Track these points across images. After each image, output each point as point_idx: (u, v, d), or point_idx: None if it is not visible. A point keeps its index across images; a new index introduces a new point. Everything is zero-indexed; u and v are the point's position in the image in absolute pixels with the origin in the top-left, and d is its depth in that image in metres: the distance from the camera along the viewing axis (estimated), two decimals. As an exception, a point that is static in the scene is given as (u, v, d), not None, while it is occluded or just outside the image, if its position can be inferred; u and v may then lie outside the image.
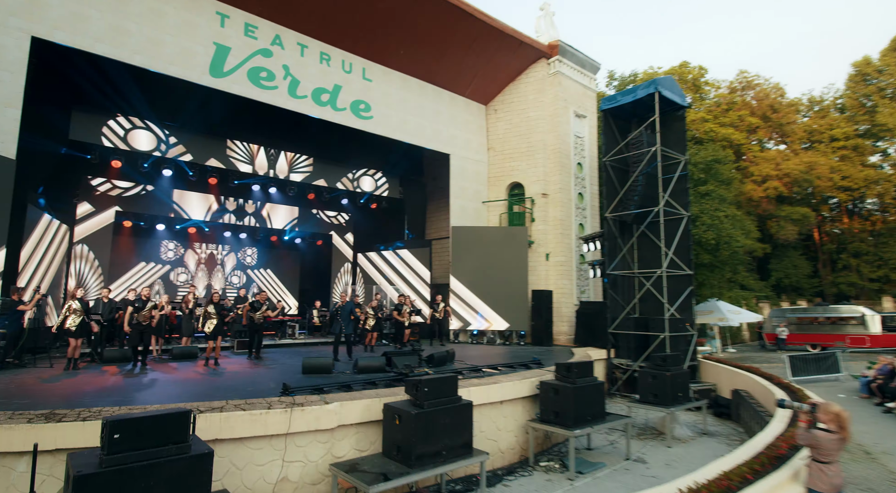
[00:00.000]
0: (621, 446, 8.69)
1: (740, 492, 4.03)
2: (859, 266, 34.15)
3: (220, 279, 18.59)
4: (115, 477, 3.79)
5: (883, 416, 10.38)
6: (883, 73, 36.20)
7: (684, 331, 12.84)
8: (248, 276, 19.39)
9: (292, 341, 14.65)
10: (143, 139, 13.69)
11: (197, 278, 18.33)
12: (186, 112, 13.23)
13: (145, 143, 13.71)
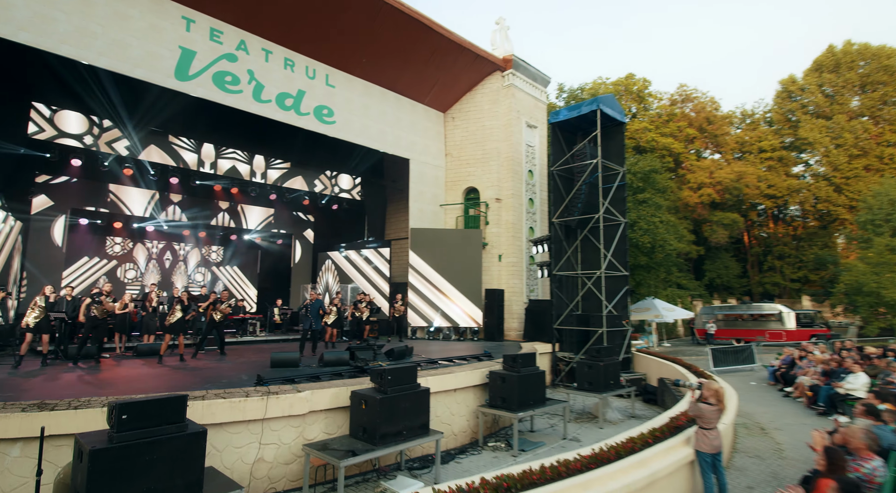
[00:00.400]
0: (559, 428, 9.82)
1: (640, 452, 5.11)
2: (782, 268, 37.52)
3: (183, 276, 18.58)
4: (123, 452, 4.40)
5: (782, 399, 12.05)
6: (805, 92, 39.82)
7: (620, 326, 14.24)
8: (213, 273, 19.43)
9: (254, 339, 15.03)
10: (73, 122, 13.77)
11: (148, 273, 18.22)
12: (144, 110, 13.35)
13: (75, 126, 13.77)
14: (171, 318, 10.20)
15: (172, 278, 17.98)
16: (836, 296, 24.89)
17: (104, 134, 14.36)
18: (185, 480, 4.75)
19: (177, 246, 18.52)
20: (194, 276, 18.76)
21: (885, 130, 36.84)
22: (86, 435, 4.75)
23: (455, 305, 16.55)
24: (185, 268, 18.57)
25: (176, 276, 18.32)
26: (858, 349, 12.86)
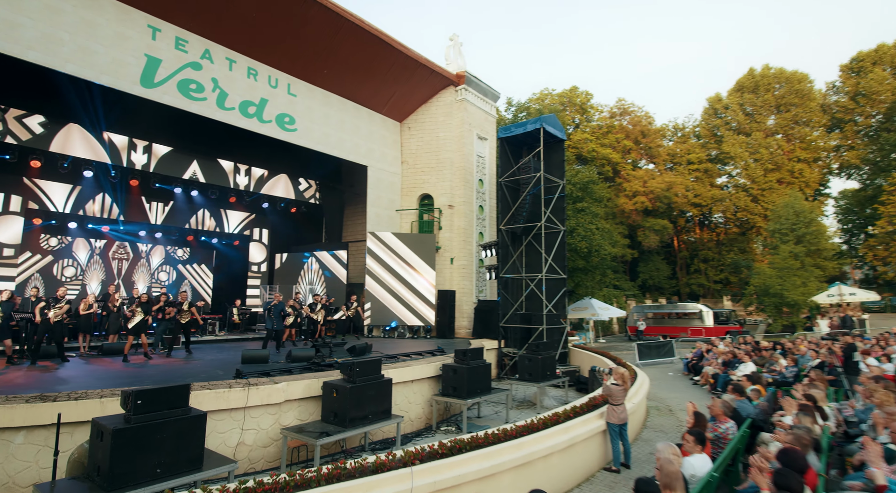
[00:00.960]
0: (503, 414, 11.16)
1: (564, 423, 6.45)
2: (706, 270, 41.11)
3: (146, 275, 18.50)
4: (139, 431, 5.23)
5: (691, 386, 14.00)
6: (728, 110, 43.70)
7: (559, 324, 15.85)
8: (178, 272, 19.41)
9: (214, 338, 15.48)
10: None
11: (91, 271, 17.96)
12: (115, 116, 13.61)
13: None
14: (133, 320, 10.68)
15: (134, 278, 17.93)
16: (748, 297, 27.95)
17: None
18: (189, 455, 5.64)
19: (140, 245, 18.41)
20: (158, 275, 18.77)
21: (796, 147, 41.14)
22: (102, 419, 5.52)
23: (409, 304, 17.64)
24: (149, 266, 18.54)
25: (138, 275, 18.26)
26: (755, 343, 15.08)
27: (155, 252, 19.01)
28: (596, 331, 27.39)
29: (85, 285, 17.37)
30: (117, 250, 18.21)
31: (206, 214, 18.95)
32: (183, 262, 19.60)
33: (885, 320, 29.77)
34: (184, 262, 19.62)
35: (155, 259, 19.03)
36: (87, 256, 17.83)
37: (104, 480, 5.02)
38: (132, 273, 18.30)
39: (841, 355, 10.30)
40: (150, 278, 18.53)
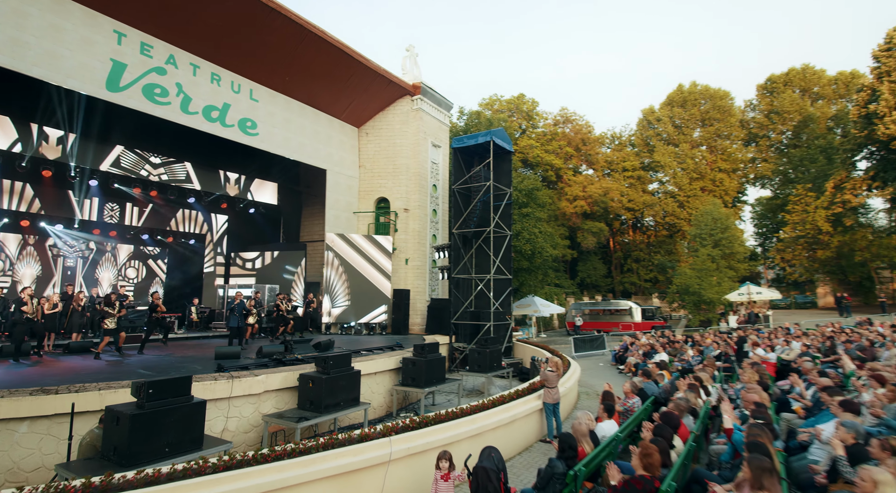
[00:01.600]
0: (455, 401, 12.50)
1: (507, 403, 7.85)
2: (638, 269, 44.47)
3: (111, 272, 18.25)
4: (151, 416, 6.09)
5: (617, 375, 15.92)
6: (660, 122, 47.33)
7: (504, 321, 17.41)
8: (148, 268, 19.20)
9: (175, 336, 15.80)
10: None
11: (23, 263, 17.46)
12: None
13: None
14: (109, 320, 11.13)
15: (97, 275, 17.72)
16: (671, 294, 30.92)
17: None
18: (191, 436, 6.56)
19: (102, 243, 18.10)
20: (126, 272, 18.63)
21: (718, 159, 45.25)
22: (116, 406, 6.32)
23: (366, 303, 18.64)
24: (116, 262, 18.35)
25: (102, 272, 18.02)
26: (671, 336, 17.29)
27: (114, 250, 18.79)
28: (538, 326, 29.41)
29: (14, 281, 16.96)
30: (41, 242, 17.69)
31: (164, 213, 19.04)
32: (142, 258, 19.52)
33: (789, 315, 33.66)
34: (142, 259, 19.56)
35: (113, 258, 18.86)
36: (16, 246, 17.23)
37: (121, 458, 5.87)
38: (97, 268, 18.08)
39: (735, 346, 12.41)
40: (114, 276, 18.40)
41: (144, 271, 19.12)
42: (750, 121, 47.28)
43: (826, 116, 43.21)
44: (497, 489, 4.84)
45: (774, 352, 12.41)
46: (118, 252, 18.69)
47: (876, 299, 33.85)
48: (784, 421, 6.96)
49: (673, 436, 5.09)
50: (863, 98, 31.36)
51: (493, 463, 4.95)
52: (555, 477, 4.69)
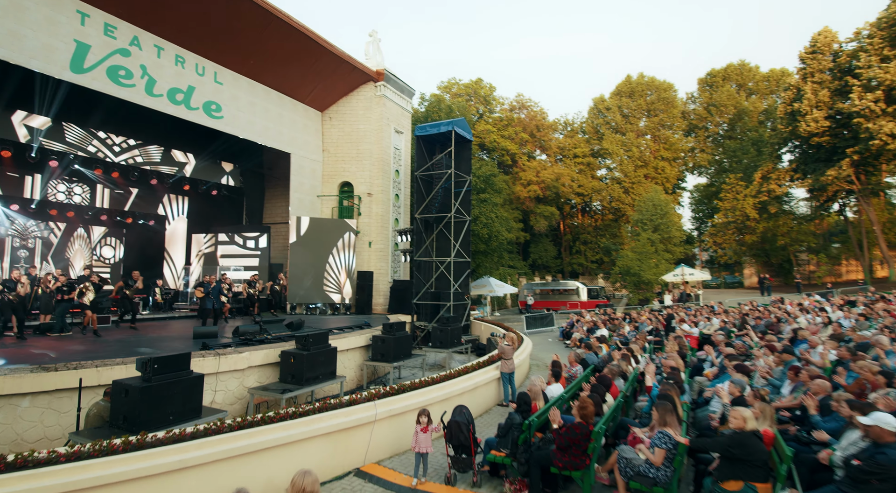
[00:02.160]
0: (419, 375, 13.61)
1: (470, 373, 9.02)
2: (586, 251, 47.02)
3: (85, 252, 17.85)
4: (157, 389, 6.79)
5: (564, 349, 17.54)
6: (609, 111, 49.52)
7: (463, 301, 18.62)
8: (114, 249, 18.84)
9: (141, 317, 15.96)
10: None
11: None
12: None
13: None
14: (87, 297, 11.43)
15: (67, 254, 17.34)
16: (614, 275, 33.28)
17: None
18: (191, 406, 7.31)
19: (62, 225, 17.64)
20: (101, 251, 18.30)
21: (661, 148, 48.03)
22: (122, 380, 6.96)
23: (330, 283, 19.35)
24: (90, 242, 17.98)
25: (74, 251, 17.62)
26: (611, 314, 19.11)
27: (76, 231, 18.38)
28: (492, 305, 31.01)
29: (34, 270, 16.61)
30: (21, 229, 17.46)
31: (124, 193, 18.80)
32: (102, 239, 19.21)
33: (718, 294, 36.90)
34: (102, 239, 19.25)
35: (97, 233, 18.50)
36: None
37: (131, 425, 6.57)
38: (66, 249, 17.68)
39: (664, 322, 14.15)
40: (90, 253, 18.06)
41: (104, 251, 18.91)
42: (691, 113, 50.33)
43: (758, 111, 46.69)
44: (467, 438, 6.00)
45: (697, 327, 14.26)
46: (87, 233, 18.37)
47: (793, 280, 37.70)
48: (696, 383, 8.51)
49: (605, 394, 6.39)
50: (789, 96, 34.34)
51: (465, 418, 6.09)
52: (513, 427, 5.87)
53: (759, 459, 4.45)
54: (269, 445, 5.71)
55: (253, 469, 5.58)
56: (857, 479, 4.04)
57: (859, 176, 31.21)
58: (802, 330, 10.41)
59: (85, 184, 17.55)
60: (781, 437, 4.91)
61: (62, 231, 17.42)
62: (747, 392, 5.67)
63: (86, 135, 15.44)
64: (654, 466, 4.82)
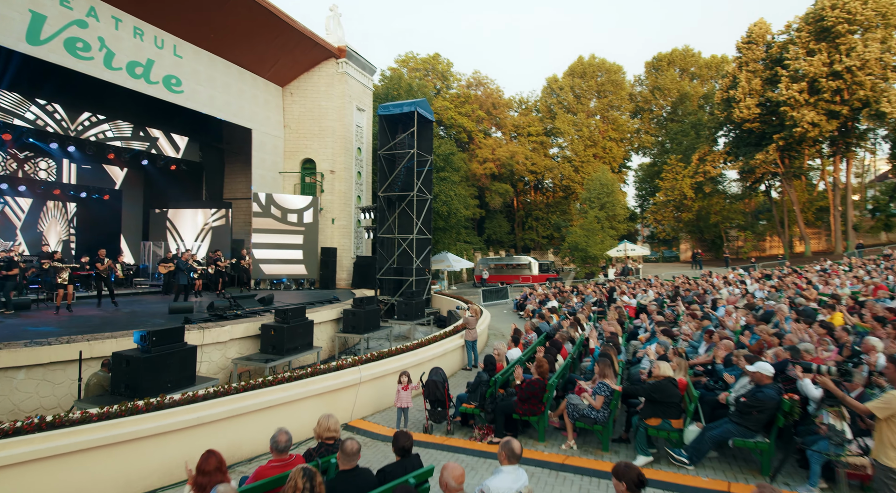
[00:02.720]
0: (386, 345, 14.59)
1: (440, 341, 10.08)
2: (537, 227, 48.93)
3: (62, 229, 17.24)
4: (155, 359, 7.40)
5: (518, 319, 19.01)
6: (562, 91, 50.96)
7: (424, 276, 19.61)
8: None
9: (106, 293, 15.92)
10: None
11: None
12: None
13: None
14: (63, 274, 11.56)
15: (41, 228, 16.74)
16: (564, 250, 35.22)
17: None
18: (186, 375, 7.99)
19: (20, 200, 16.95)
20: (57, 226, 17.70)
21: (609, 129, 50.07)
22: (122, 352, 7.50)
23: (295, 259, 19.79)
24: (66, 218, 17.36)
25: (49, 226, 17.01)
26: (561, 287, 20.70)
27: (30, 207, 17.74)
28: (449, 280, 32.23)
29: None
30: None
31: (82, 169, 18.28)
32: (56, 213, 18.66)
33: (656, 268, 39.76)
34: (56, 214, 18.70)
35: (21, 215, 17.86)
36: None
37: (133, 392, 7.19)
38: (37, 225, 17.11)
39: (606, 294, 15.73)
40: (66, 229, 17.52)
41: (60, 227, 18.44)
42: (637, 95, 52.58)
43: (698, 95, 49.45)
44: (442, 394, 7.06)
45: (635, 298, 15.96)
46: (44, 207, 17.81)
47: (723, 255, 41.13)
48: (632, 346, 9.95)
49: (557, 355, 7.60)
50: (725, 83, 36.80)
51: (440, 377, 7.14)
52: (481, 384, 6.98)
53: (673, 401, 5.75)
54: (270, 404, 6.55)
55: (256, 425, 6.41)
56: (743, 411, 5.39)
57: (784, 160, 34.23)
58: (721, 300, 12.13)
59: (43, 158, 16.99)
60: (693, 385, 6.26)
61: (18, 206, 16.91)
62: (669, 351, 7.00)
63: (35, 105, 14.94)
64: (595, 409, 6.05)
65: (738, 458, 5.68)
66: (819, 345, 7.23)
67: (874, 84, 28.27)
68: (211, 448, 3.67)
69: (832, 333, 7.68)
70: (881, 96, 28.24)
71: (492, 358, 7.26)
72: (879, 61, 28.26)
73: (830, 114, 29.68)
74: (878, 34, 28.67)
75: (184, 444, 5.82)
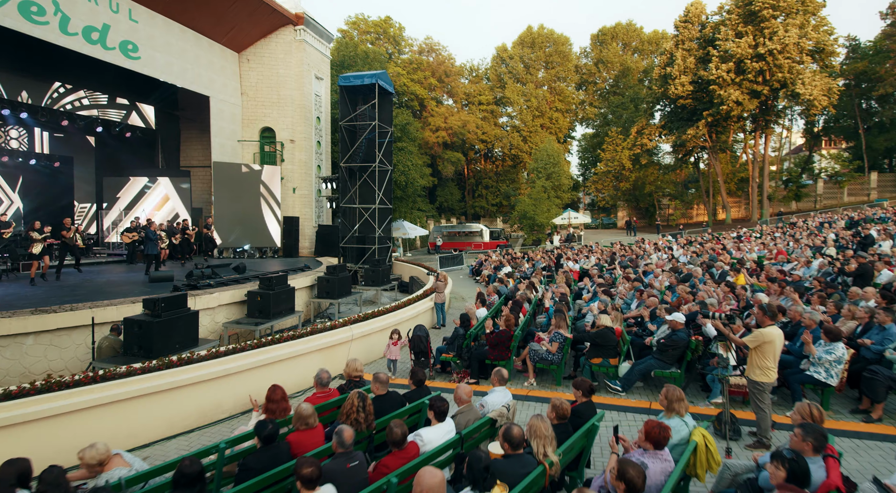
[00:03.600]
0: (356, 309, 15.73)
1: (413, 304, 11.35)
2: (487, 195, 50.60)
3: None
4: (164, 323, 8.20)
5: (475, 284, 20.60)
6: (512, 60, 51.86)
7: (386, 244, 20.66)
8: None
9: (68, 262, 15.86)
10: None
11: None
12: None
13: None
14: (37, 246, 11.73)
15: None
16: (513, 218, 37.12)
17: None
18: (190, 337, 8.85)
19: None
20: (8, 193, 16.94)
21: (556, 100, 51.79)
22: (133, 317, 8.23)
23: (257, 228, 20.20)
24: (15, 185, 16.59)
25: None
26: (513, 254, 22.42)
27: None
28: (404, 247, 33.38)
29: None
30: None
31: (30, 135, 17.56)
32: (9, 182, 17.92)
33: (596, 234, 42.61)
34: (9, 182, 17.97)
35: None
36: None
37: (146, 352, 8.03)
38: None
39: (554, 260, 17.53)
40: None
41: (10, 194, 17.83)
42: (583, 67, 54.41)
43: (639, 70, 51.91)
44: (425, 346, 8.40)
45: (578, 263, 17.89)
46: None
47: (655, 222, 44.62)
48: (577, 304, 11.67)
49: (519, 312, 9.10)
50: (663, 60, 39.14)
51: (423, 333, 8.45)
52: (458, 337, 8.37)
53: (611, 345, 7.38)
54: (280, 358, 7.63)
55: (270, 375, 7.49)
56: (662, 350, 7.08)
57: (711, 135, 37.29)
58: (651, 264, 14.13)
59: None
60: (626, 333, 7.93)
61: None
62: (608, 306, 8.66)
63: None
64: (552, 353, 7.59)
65: (657, 385, 7.43)
66: (724, 300, 9.15)
67: (791, 67, 31.27)
68: (275, 383, 4.80)
69: (734, 290, 9.65)
70: (797, 78, 31.32)
71: (466, 316, 8.65)
72: (797, 45, 31.18)
73: (753, 93, 32.60)
74: (797, 20, 31.49)
75: (212, 392, 6.85)
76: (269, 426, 3.75)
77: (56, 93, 15.86)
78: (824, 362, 5.98)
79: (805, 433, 3.29)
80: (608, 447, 4.45)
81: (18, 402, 5.34)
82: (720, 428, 5.50)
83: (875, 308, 6.99)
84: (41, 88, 16.87)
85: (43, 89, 16.94)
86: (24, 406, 5.33)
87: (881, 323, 6.38)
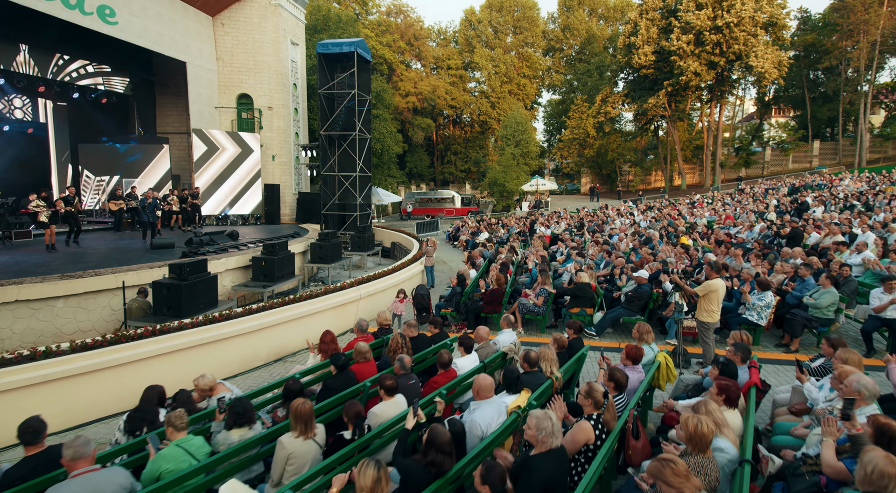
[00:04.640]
0: (346, 274, 16.70)
1: (406, 267, 12.47)
2: (456, 161, 51.34)
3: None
4: (191, 285, 9.02)
5: (453, 249, 21.81)
6: (480, 24, 51.73)
7: (367, 211, 21.48)
8: None
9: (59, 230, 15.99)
10: None
11: None
12: None
13: None
14: (44, 214, 12.10)
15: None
16: (483, 185, 38.26)
17: None
18: (212, 298, 9.71)
19: None
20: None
21: (524, 66, 52.28)
22: (160, 280, 8.99)
23: (239, 195, 20.56)
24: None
25: None
26: (488, 220, 23.68)
27: None
28: (377, 213, 34.11)
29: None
30: None
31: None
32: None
33: (561, 200, 44.36)
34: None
35: None
36: None
37: (175, 312, 8.87)
38: None
39: (528, 225, 18.89)
40: None
41: None
42: (550, 33, 54.82)
43: (604, 37, 52.82)
44: (427, 304, 9.59)
45: (550, 228, 19.34)
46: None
47: (616, 188, 46.75)
48: (553, 265, 13.08)
49: (506, 273, 10.38)
50: (628, 30, 40.18)
51: (424, 291, 9.63)
52: (456, 294, 9.59)
53: (588, 296, 8.77)
54: (301, 315, 8.67)
55: (294, 330, 8.54)
56: (629, 300, 8.52)
57: (671, 104, 39.03)
58: (615, 229, 15.67)
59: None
60: (599, 287, 9.36)
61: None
62: (583, 267, 10.05)
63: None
64: (537, 305, 8.94)
65: (625, 330, 8.92)
66: (679, 259, 10.70)
67: (746, 39, 32.96)
68: (327, 328, 5.89)
69: (688, 251, 11.22)
70: (751, 51, 33.08)
71: (462, 276, 9.87)
72: (752, 19, 32.81)
73: (710, 64, 34.29)
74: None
75: (249, 343, 7.86)
76: (342, 358, 4.87)
77: (31, 59, 15.55)
78: (757, 307, 7.53)
79: (736, 349, 4.68)
80: (594, 374, 5.82)
81: (132, 344, 6.38)
82: (675, 360, 6.98)
83: (799, 265, 8.62)
84: (11, 51, 16.42)
85: (13, 54, 16.50)
86: (137, 347, 6.50)
87: (802, 277, 7.98)
